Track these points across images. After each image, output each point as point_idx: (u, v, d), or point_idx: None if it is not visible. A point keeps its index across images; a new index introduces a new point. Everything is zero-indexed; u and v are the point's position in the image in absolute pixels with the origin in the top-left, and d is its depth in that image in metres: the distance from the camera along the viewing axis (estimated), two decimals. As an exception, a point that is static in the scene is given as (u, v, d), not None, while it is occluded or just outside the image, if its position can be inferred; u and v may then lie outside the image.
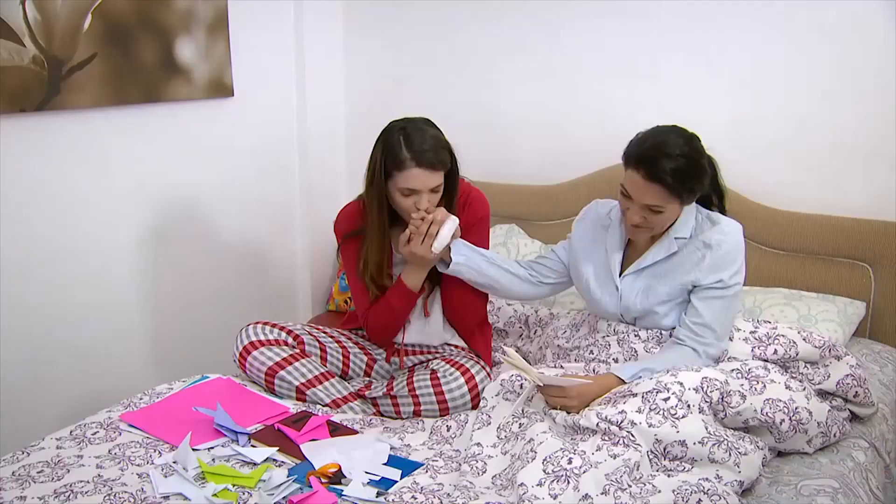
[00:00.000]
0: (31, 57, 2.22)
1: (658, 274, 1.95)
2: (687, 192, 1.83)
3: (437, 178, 1.96)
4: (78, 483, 1.63)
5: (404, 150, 1.92)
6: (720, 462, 1.62)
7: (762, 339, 1.91)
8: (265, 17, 2.96)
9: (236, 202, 2.95)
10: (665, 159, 1.78)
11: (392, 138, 1.96)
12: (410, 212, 1.98)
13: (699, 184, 1.85)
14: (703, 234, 1.92)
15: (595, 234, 2.08)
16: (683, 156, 1.79)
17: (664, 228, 1.93)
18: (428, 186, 1.95)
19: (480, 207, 2.16)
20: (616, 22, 2.72)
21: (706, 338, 1.87)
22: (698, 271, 1.89)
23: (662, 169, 1.77)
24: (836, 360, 1.91)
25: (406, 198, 1.97)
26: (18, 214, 2.28)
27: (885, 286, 2.37)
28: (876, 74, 2.36)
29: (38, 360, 2.39)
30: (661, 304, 1.94)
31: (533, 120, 2.94)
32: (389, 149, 1.95)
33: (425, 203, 1.96)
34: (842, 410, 1.89)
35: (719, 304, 1.88)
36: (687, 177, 1.80)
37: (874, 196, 2.42)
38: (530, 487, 1.56)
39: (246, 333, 2.11)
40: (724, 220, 1.95)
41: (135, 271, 2.64)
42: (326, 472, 1.68)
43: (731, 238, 1.91)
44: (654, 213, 1.85)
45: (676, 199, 1.83)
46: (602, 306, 2.03)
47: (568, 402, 1.79)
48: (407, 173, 1.93)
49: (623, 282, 1.99)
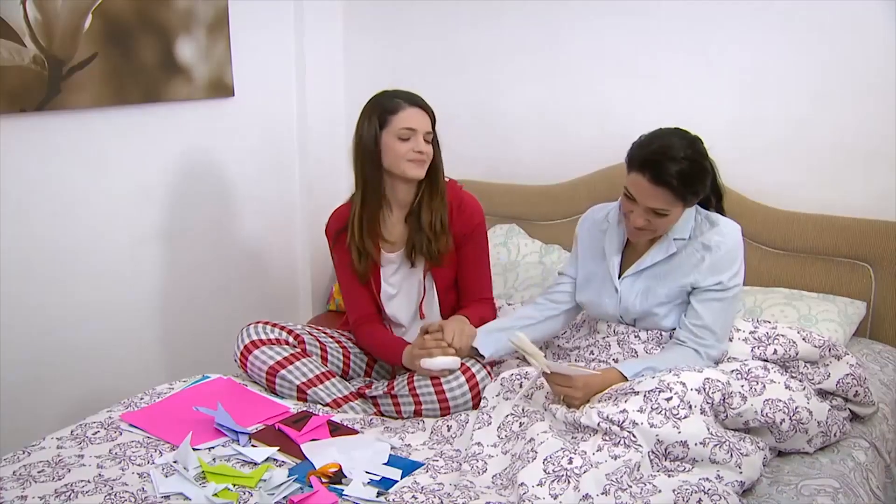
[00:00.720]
0: (31, 57, 2.22)
1: (657, 275, 1.95)
2: (691, 194, 1.83)
3: (429, 123, 2.07)
4: (78, 483, 1.63)
5: (395, 98, 2.06)
6: (721, 463, 1.62)
7: (762, 339, 1.92)
8: (265, 17, 2.96)
9: (236, 202, 2.95)
10: (671, 163, 1.77)
11: (378, 97, 2.09)
12: (408, 157, 2.03)
13: (703, 186, 1.85)
14: (702, 236, 1.92)
15: (593, 239, 2.09)
16: (688, 159, 1.79)
17: (666, 231, 1.92)
18: (424, 128, 2.04)
19: (475, 214, 2.18)
20: (616, 22, 2.72)
21: (707, 340, 1.87)
22: (697, 273, 1.89)
23: (668, 172, 1.77)
24: (836, 360, 1.91)
25: (404, 142, 2.03)
26: (18, 214, 2.28)
27: (886, 286, 2.37)
28: (876, 74, 2.36)
29: (39, 359, 2.39)
30: (661, 305, 1.94)
31: (533, 120, 2.94)
32: (379, 104, 2.07)
33: (423, 146, 2.02)
34: (842, 410, 1.89)
35: (718, 307, 1.88)
36: (692, 180, 1.80)
37: (874, 196, 2.42)
38: (531, 487, 1.56)
39: (247, 333, 2.11)
40: (722, 220, 1.95)
41: (135, 271, 2.64)
42: (327, 471, 1.68)
43: (730, 239, 1.91)
44: (658, 217, 1.85)
45: (681, 201, 1.83)
46: (602, 308, 2.03)
47: (573, 391, 1.79)
48: (403, 114, 2.03)
49: (622, 284, 1.99)
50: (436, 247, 2.11)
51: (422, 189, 2.11)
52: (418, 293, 2.20)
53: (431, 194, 2.11)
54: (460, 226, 2.14)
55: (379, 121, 2.04)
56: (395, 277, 2.19)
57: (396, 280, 2.20)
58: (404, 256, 2.16)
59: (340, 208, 2.22)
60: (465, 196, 2.18)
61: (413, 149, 2.02)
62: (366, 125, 2.07)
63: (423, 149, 2.03)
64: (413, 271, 2.18)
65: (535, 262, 2.75)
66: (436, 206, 2.11)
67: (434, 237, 2.10)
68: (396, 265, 2.18)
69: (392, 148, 2.04)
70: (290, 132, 3.15)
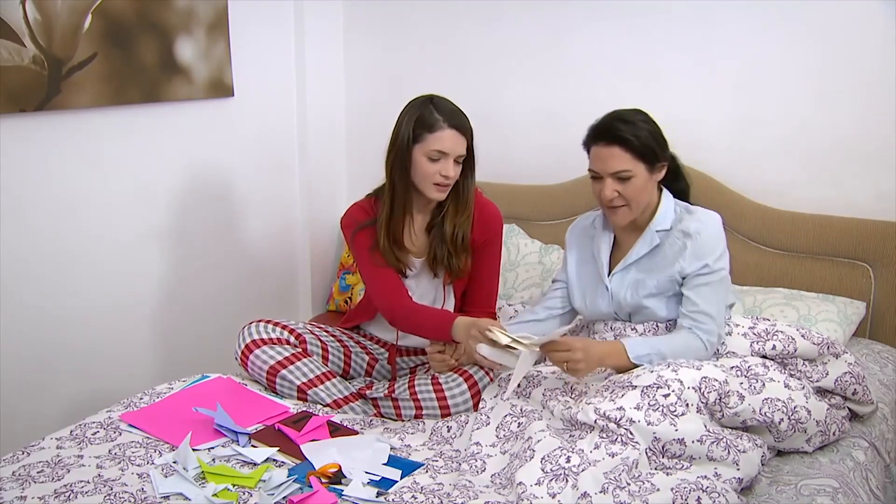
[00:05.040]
0: (31, 57, 2.22)
1: (645, 268, 1.98)
2: (648, 151, 1.89)
3: (463, 145, 2.02)
4: (78, 483, 1.63)
5: (436, 113, 1.99)
6: (719, 460, 1.62)
7: (761, 334, 1.92)
8: (265, 17, 2.96)
9: (236, 202, 2.96)
10: (619, 122, 1.90)
11: (422, 105, 2.02)
12: (433, 181, 2.00)
13: (659, 145, 1.92)
14: (680, 224, 1.95)
15: (582, 245, 2.12)
16: (635, 119, 1.91)
17: (641, 203, 1.94)
18: (457, 152, 2.00)
19: (495, 223, 2.16)
20: (617, 23, 2.72)
21: (706, 324, 1.88)
22: (683, 260, 1.92)
23: (619, 129, 1.88)
24: (835, 358, 1.91)
25: (433, 163, 1.99)
26: (18, 214, 2.28)
27: (885, 286, 2.37)
28: (876, 74, 2.37)
29: (39, 359, 2.39)
30: (651, 297, 1.96)
31: (533, 120, 2.94)
32: (419, 114, 2.00)
33: (451, 170, 1.99)
34: (840, 409, 1.89)
35: (708, 290, 1.90)
36: (643, 134, 1.89)
37: (874, 196, 2.42)
38: (529, 486, 1.56)
39: (248, 332, 2.11)
40: (700, 210, 1.98)
41: (135, 271, 2.64)
42: (326, 472, 1.68)
43: (709, 226, 1.94)
44: (625, 182, 1.89)
45: (640, 160, 1.89)
46: (596, 308, 2.04)
47: (574, 355, 1.78)
48: (439, 134, 1.98)
49: (612, 280, 2.01)
50: (457, 263, 2.09)
51: (448, 203, 2.08)
52: (436, 300, 2.18)
53: (457, 209, 2.08)
54: (480, 233, 2.13)
55: (414, 133, 2.00)
56: (414, 281, 2.17)
57: (414, 283, 2.18)
58: (426, 265, 2.14)
59: (359, 203, 2.18)
60: (486, 204, 2.17)
61: (440, 172, 1.99)
62: (402, 132, 2.01)
63: (450, 174, 1.99)
64: (434, 280, 2.17)
65: (535, 262, 2.75)
66: (460, 220, 2.08)
67: (455, 251, 2.08)
68: (417, 271, 2.16)
69: (421, 165, 2.00)
70: (290, 132, 3.15)
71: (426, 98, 2.04)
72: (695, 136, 2.63)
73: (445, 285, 2.16)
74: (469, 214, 2.09)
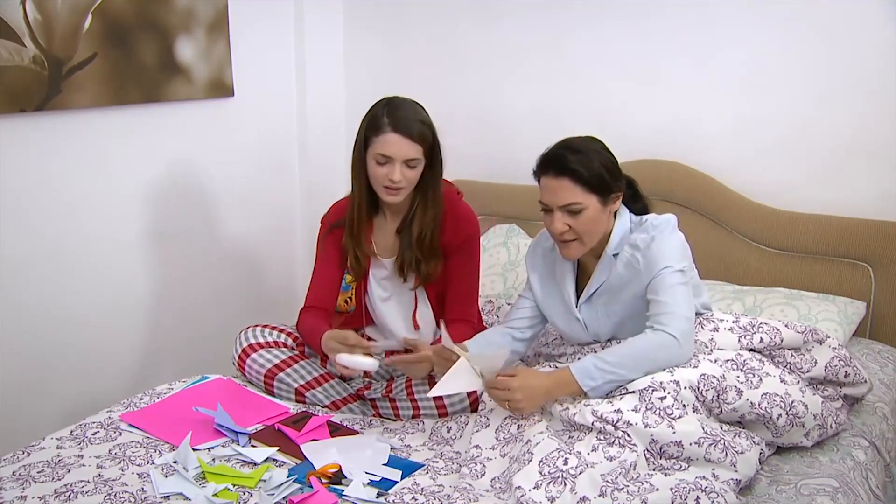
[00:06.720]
0: (31, 57, 2.22)
1: (610, 294, 1.90)
2: (600, 182, 1.79)
3: (413, 150, 1.93)
4: (78, 483, 1.63)
5: (384, 116, 1.94)
6: (717, 462, 1.62)
7: (746, 328, 1.86)
8: (265, 17, 2.96)
9: (236, 202, 2.95)
10: (569, 152, 1.80)
11: (376, 108, 1.99)
12: (382, 184, 1.96)
13: (612, 175, 1.82)
14: (629, 239, 1.87)
15: (545, 267, 2.03)
16: (588, 149, 1.82)
17: (594, 236, 1.85)
18: (402, 156, 1.92)
19: (468, 225, 2.10)
20: (616, 24, 2.72)
21: (662, 317, 1.76)
22: (639, 276, 1.83)
23: (568, 160, 1.79)
24: (819, 344, 1.88)
25: (380, 167, 1.94)
26: (18, 214, 2.28)
27: (885, 286, 2.37)
28: (876, 74, 2.36)
29: (39, 359, 2.39)
30: (628, 319, 1.88)
31: (533, 120, 2.94)
32: (371, 116, 1.98)
33: (397, 174, 1.93)
34: (835, 400, 1.87)
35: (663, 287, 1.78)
36: (596, 165, 1.79)
37: (874, 196, 2.42)
38: (527, 490, 1.56)
39: (245, 336, 2.11)
40: (650, 218, 1.89)
41: (135, 271, 2.64)
42: (327, 472, 1.68)
43: (658, 230, 1.84)
44: (575, 216, 1.80)
45: (591, 192, 1.79)
46: (574, 338, 1.99)
47: (512, 395, 1.72)
48: (383, 138, 1.92)
49: (581, 312, 1.94)
50: (426, 267, 2.05)
51: (416, 205, 2.05)
52: (409, 304, 2.15)
53: (425, 209, 2.04)
54: (451, 236, 2.07)
55: (365, 136, 1.97)
56: (387, 282, 2.16)
57: (389, 285, 2.16)
58: (395, 268, 2.10)
59: (341, 202, 2.18)
60: (461, 206, 2.11)
61: (387, 175, 1.94)
62: (357, 134, 2.00)
63: (396, 177, 1.92)
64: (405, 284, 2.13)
65: (534, 262, 2.75)
66: (427, 221, 2.03)
67: (423, 255, 2.04)
68: (388, 273, 2.13)
69: (370, 168, 1.97)
70: (289, 132, 3.15)
71: (386, 100, 1.99)
72: (695, 136, 2.63)
73: (416, 289, 2.12)
74: (435, 216, 2.04)
